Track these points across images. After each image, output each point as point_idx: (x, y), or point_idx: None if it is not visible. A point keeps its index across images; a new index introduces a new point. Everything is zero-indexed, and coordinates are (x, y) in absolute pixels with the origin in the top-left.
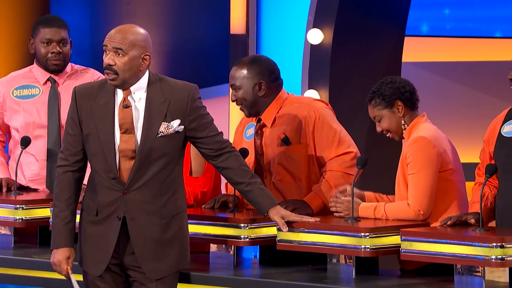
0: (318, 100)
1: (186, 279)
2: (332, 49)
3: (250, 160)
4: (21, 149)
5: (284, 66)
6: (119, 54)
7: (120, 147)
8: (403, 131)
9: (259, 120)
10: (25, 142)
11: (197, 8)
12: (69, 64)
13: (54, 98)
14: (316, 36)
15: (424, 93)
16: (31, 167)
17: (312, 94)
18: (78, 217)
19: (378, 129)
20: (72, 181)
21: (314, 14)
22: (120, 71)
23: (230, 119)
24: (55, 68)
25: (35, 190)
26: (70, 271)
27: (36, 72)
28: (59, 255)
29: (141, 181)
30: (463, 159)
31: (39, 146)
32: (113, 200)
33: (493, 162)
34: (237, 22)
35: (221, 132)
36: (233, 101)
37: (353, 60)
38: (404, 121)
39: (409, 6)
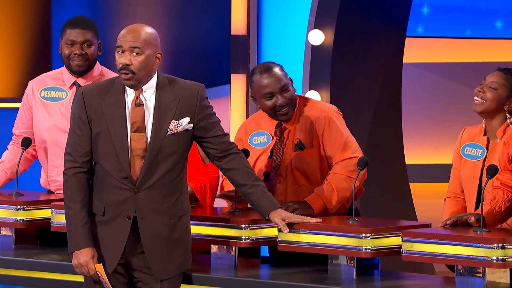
0: (329, 104)
1: (187, 280)
2: (333, 50)
3: (261, 165)
4: (22, 149)
5: (285, 67)
6: (135, 54)
7: (131, 146)
8: (510, 125)
9: (279, 126)
10: (26, 143)
11: (198, 9)
12: (99, 67)
13: None
14: (317, 37)
15: (425, 93)
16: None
17: (313, 95)
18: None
19: (480, 92)
20: (84, 182)
21: (315, 15)
22: (136, 70)
23: (231, 120)
24: (78, 70)
25: (36, 191)
26: (102, 270)
27: (65, 75)
28: (84, 255)
29: (151, 180)
30: None
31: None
32: (122, 200)
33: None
34: (238, 23)
35: (228, 134)
36: (281, 106)
37: (354, 61)
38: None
39: (410, 7)
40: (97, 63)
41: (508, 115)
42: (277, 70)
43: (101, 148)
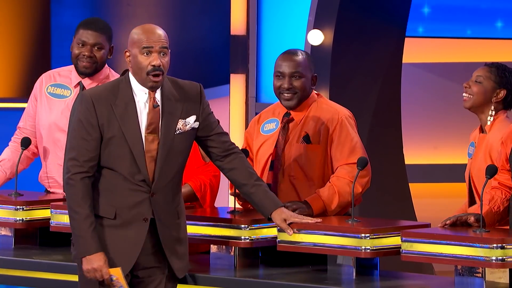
0: (344, 108)
1: (187, 280)
2: (333, 50)
3: (267, 152)
4: (21, 149)
5: None
6: (163, 54)
7: (146, 147)
8: (488, 117)
9: (287, 114)
10: (25, 143)
11: (197, 9)
12: (106, 70)
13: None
14: (316, 37)
15: (425, 93)
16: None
17: None
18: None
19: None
20: (89, 187)
21: (315, 15)
22: (165, 70)
23: (230, 120)
24: (84, 71)
25: (35, 191)
26: (120, 274)
27: (73, 74)
28: (98, 260)
29: (165, 181)
30: (463, 160)
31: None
32: (137, 202)
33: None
34: (238, 23)
35: (227, 133)
36: (287, 88)
37: (354, 61)
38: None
39: (410, 7)
40: (106, 65)
41: (492, 107)
42: (299, 57)
43: (115, 152)
